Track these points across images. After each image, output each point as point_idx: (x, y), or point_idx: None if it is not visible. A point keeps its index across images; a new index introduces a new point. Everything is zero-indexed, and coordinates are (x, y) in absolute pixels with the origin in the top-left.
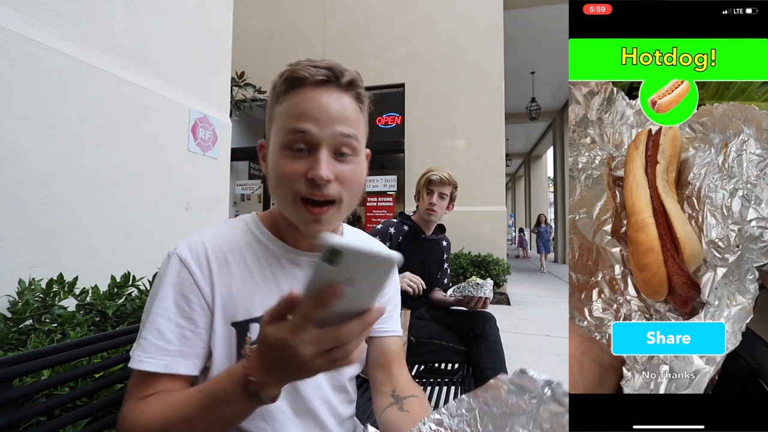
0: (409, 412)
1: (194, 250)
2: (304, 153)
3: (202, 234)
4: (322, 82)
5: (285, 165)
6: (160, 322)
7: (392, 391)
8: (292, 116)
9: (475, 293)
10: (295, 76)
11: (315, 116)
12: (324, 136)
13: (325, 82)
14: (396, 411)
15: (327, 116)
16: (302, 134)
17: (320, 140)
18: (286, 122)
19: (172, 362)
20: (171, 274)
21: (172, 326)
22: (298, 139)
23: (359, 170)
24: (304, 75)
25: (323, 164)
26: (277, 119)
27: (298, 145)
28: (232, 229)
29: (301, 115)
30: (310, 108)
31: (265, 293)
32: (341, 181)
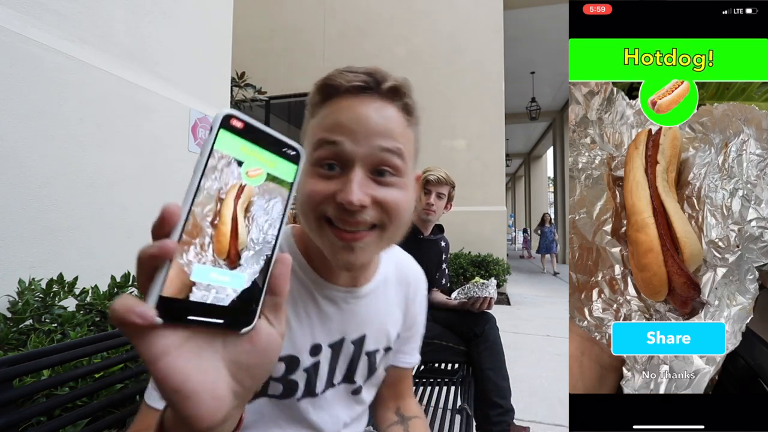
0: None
1: None
2: (335, 172)
3: None
4: (360, 89)
5: (310, 184)
6: None
7: (396, 408)
8: (323, 128)
9: (481, 293)
10: (330, 84)
11: (350, 127)
12: (359, 151)
13: (364, 89)
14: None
15: (364, 128)
16: (333, 147)
17: (354, 156)
18: (316, 135)
19: None
20: None
21: None
22: (328, 155)
23: (405, 195)
24: (339, 82)
25: (354, 185)
26: (309, 134)
27: (328, 162)
28: None
29: (334, 126)
30: (344, 118)
31: (295, 331)
32: (381, 207)
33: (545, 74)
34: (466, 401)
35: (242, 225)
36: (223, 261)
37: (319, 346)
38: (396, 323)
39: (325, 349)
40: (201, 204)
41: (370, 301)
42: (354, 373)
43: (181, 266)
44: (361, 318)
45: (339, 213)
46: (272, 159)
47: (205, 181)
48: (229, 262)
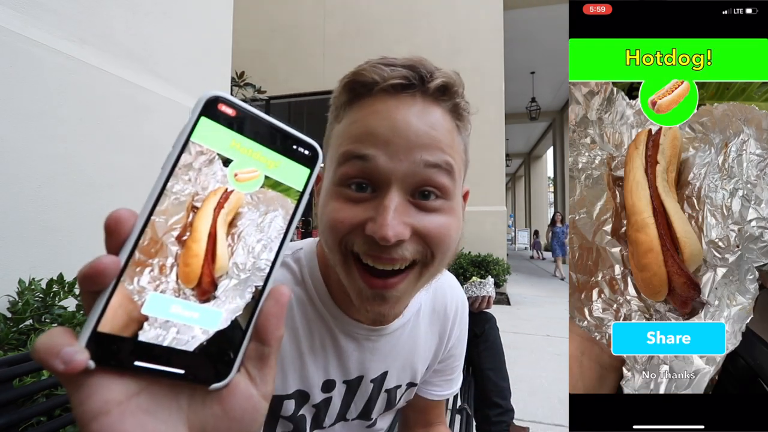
0: None
1: None
2: (366, 194)
3: None
4: (400, 87)
5: (334, 209)
6: None
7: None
8: (350, 137)
9: (479, 292)
10: (360, 81)
11: (385, 138)
12: (397, 168)
13: (405, 87)
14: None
15: (403, 138)
16: (363, 163)
17: (390, 175)
18: (342, 145)
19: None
20: None
21: None
22: (356, 172)
23: (452, 222)
24: (372, 78)
25: (389, 215)
26: (333, 144)
27: (356, 181)
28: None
29: (365, 136)
30: (378, 126)
31: (309, 366)
32: (423, 240)
33: (545, 74)
34: (466, 401)
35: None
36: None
37: (333, 382)
38: (426, 358)
39: (340, 386)
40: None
41: (398, 337)
42: (371, 410)
43: (130, 294)
44: (384, 355)
45: (369, 248)
46: (275, 158)
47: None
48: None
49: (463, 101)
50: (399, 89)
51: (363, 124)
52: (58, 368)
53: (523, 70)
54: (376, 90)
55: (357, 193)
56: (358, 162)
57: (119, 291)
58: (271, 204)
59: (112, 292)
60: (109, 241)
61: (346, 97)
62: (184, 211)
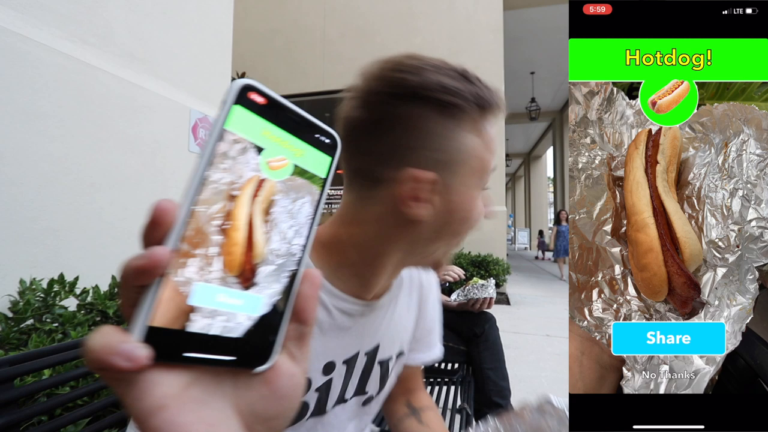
0: (429, 428)
1: None
2: None
3: None
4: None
5: (482, 206)
6: None
7: (407, 401)
8: (492, 152)
9: (480, 294)
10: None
11: (496, 147)
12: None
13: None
14: (416, 424)
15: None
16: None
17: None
18: (486, 159)
19: None
20: None
21: None
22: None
23: None
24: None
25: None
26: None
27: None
28: None
29: (494, 150)
30: (498, 146)
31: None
32: None
33: (545, 74)
34: (466, 401)
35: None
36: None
37: (333, 364)
38: (409, 328)
39: (339, 366)
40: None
41: (386, 310)
42: (366, 384)
43: (177, 286)
44: (375, 328)
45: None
46: (301, 147)
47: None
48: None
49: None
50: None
51: (495, 143)
52: (120, 365)
53: (523, 70)
54: (498, 112)
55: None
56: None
57: (167, 283)
58: (300, 191)
59: (159, 284)
60: (155, 232)
61: (478, 113)
62: (223, 200)
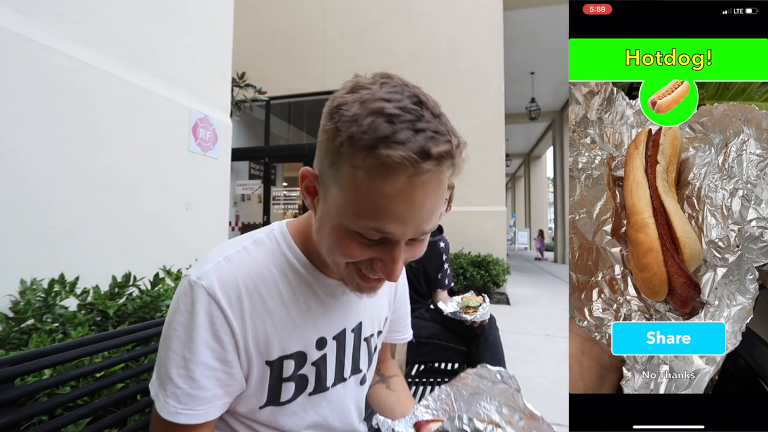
0: (396, 392)
1: (225, 285)
2: (376, 240)
3: (231, 264)
4: (421, 165)
5: (352, 249)
6: (195, 370)
7: (377, 370)
8: (373, 215)
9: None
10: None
11: (403, 218)
12: (407, 234)
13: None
14: (384, 389)
15: (417, 218)
16: (382, 234)
17: (401, 238)
18: (363, 216)
19: (210, 409)
20: (200, 313)
21: (206, 371)
22: (375, 235)
23: (427, 239)
24: (400, 157)
25: (398, 267)
26: (349, 190)
27: (372, 237)
28: (264, 255)
29: (388, 217)
30: (399, 210)
31: (301, 327)
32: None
33: (545, 74)
34: None
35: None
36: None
37: (324, 339)
38: (384, 309)
39: (330, 342)
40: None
41: None
42: (359, 361)
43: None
44: (357, 306)
45: (373, 273)
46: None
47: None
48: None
49: (459, 156)
50: (422, 169)
51: (385, 205)
52: None
53: (522, 71)
54: (401, 172)
55: (370, 241)
56: (377, 232)
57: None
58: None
59: None
60: None
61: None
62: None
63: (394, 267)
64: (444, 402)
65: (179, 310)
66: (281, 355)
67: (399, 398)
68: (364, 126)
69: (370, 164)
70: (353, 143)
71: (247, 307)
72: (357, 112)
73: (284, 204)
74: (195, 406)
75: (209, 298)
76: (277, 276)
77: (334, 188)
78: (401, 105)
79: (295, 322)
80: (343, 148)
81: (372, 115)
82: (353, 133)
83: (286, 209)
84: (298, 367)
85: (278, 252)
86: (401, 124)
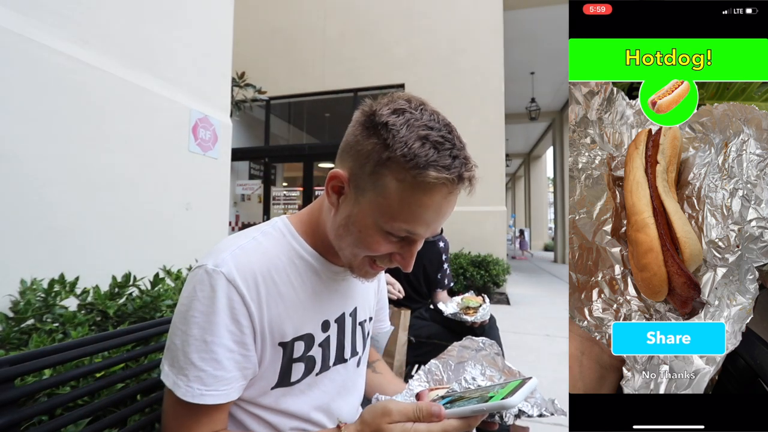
0: (382, 374)
1: (242, 272)
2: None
3: (246, 252)
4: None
5: (380, 245)
6: (218, 351)
7: None
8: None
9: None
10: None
11: (430, 222)
12: (427, 235)
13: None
14: (371, 373)
15: (438, 223)
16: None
17: (422, 238)
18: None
19: (230, 390)
20: (221, 298)
21: (227, 353)
22: (403, 234)
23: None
24: (444, 179)
25: (414, 260)
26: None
27: (399, 236)
28: (272, 244)
29: (419, 222)
30: (429, 216)
31: (309, 309)
32: None
33: (545, 74)
34: None
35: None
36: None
37: (328, 322)
38: (372, 297)
39: (333, 325)
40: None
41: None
42: (356, 344)
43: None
44: (353, 291)
45: (388, 264)
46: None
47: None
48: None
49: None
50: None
51: (421, 212)
52: None
53: (522, 70)
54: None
55: (396, 239)
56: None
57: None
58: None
59: None
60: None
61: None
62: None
63: (411, 260)
64: (434, 374)
65: (197, 297)
66: (293, 337)
67: (387, 379)
68: (414, 149)
69: (417, 181)
70: (403, 161)
71: (262, 291)
72: (407, 134)
73: (284, 204)
74: (219, 387)
75: (228, 284)
76: (285, 262)
77: (372, 193)
78: (441, 134)
79: (304, 305)
80: (391, 162)
81: (421, 140)
82: (405, 153)
83: (286, 209)
84: (308, 348)
85: (284, 241)
86: (444, 151)
